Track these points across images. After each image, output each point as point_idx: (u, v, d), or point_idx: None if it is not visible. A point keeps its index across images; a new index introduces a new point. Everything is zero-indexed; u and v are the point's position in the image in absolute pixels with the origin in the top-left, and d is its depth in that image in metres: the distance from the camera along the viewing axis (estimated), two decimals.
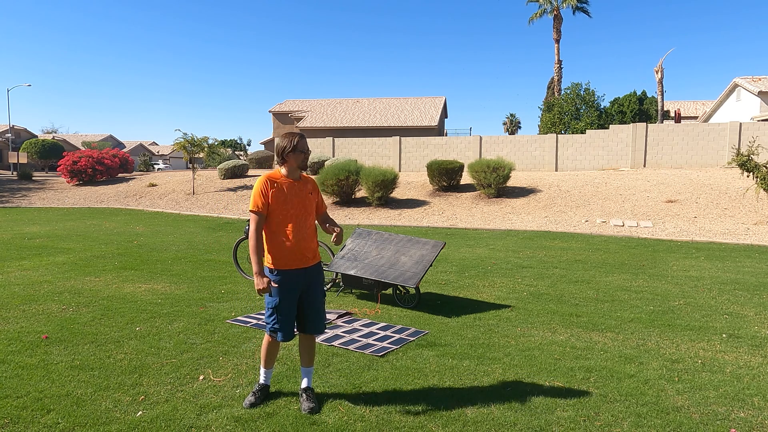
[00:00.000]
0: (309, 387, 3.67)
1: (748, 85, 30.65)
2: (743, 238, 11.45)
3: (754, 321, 5.57)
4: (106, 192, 24.27)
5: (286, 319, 3.54)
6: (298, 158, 3.51)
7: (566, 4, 35.45)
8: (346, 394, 3.76)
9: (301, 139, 3.52)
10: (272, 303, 3.53)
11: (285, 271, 3.50)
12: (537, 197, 17.35)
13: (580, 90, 31.27)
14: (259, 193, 3.45)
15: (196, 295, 6.58)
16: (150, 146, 74.13)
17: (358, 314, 5.86)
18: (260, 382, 3.72)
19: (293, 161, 3.52)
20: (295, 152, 3.50)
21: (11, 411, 3.47)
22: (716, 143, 20.77)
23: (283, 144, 3.53)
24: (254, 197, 3.46)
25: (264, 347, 3.69)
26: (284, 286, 3.50)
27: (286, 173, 3.55)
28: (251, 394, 3.64)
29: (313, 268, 3.64)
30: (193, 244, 11.00)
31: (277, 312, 3.53)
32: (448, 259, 9.18)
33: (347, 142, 25.71)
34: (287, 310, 3.54)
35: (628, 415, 3.45)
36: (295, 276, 3.53)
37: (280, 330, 3.55)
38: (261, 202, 3.44)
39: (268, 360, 3.70)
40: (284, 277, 3.50)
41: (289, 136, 3.53)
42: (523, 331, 5.20)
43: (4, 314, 5.67)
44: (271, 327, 3.57)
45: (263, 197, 3.45)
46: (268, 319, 3.58)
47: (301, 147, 3.51)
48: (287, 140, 3.52)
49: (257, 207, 3.44)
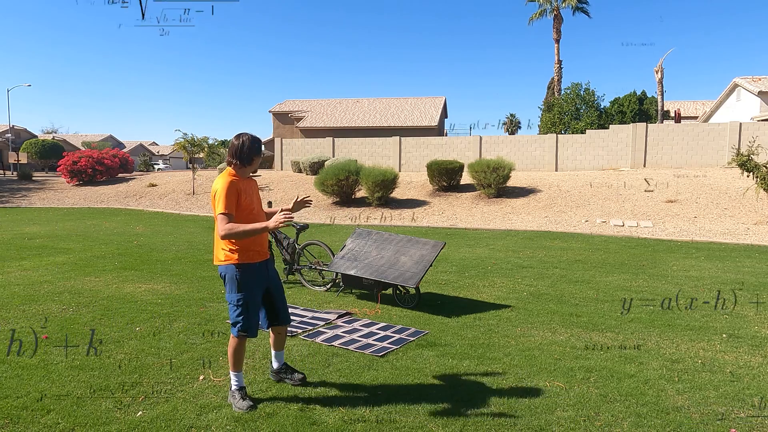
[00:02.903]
0: (284, 362, 3.97)
1: (748, 85, 30.65)
2: (743, 238, 11.45)
3: (754, 321, 5.57)
4: (106, 192, 24.27)
5: (254, 314, 3.64)
6: (257, 162, 3.65)
7: (566, 4, 35.43)
8: (346, 394, 3.76)
9: (260, 143, 3.68)
10: (240, 299, 3.56)
11: (249, 265, 3.58)
12: (537, 197, 17.35)
13: (580, 90, 31.27)
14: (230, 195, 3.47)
15: (196, 295, 6.58)
16: (150, 146, 74.13)
17: (358, 314, 5.86)
18: (240, 386, 3.62)
19: (256, 163, 3.65)
20: (259, 155, 3.65)
21: (11, 411, 3.47)
22: (716, 143, 20.76)
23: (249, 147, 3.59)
24: (225, 200, 3.44)
25: (232, 350, 3.63)
26: (252, 281, 3.59)
27: (243, 174, 3.62)
28: (244, 399, 3.55)
29: (270, 261, 3.82)
30: (193, 244, 11.00)
31: (246, 307, 3.56)
32: (448, 259, 9.18)
33: (347, 142, 25.71)
34: (255, 305, 3.63)
35: (628, 415, 3.45)
36: (259, 269, 3.64)
37: (250, 327, 3.61)
38: (232, 202, 3.47)
39: (239, 362, 3.65)
40: (250, 272, 3.57)
41: (249, 139, 3.59)
42: (523, 331, 5.20)
43: (4, 314, 5.67)
44: (242, 326, 3.57)
45: (234, 197, 3.48)
46: (238, 318, 3.59)
47: (260, 150, 3.69)
48: (253, 144, 3.60)
49: (228, 209, 3.45)
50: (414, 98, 38.41)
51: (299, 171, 24.59)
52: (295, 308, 6.04)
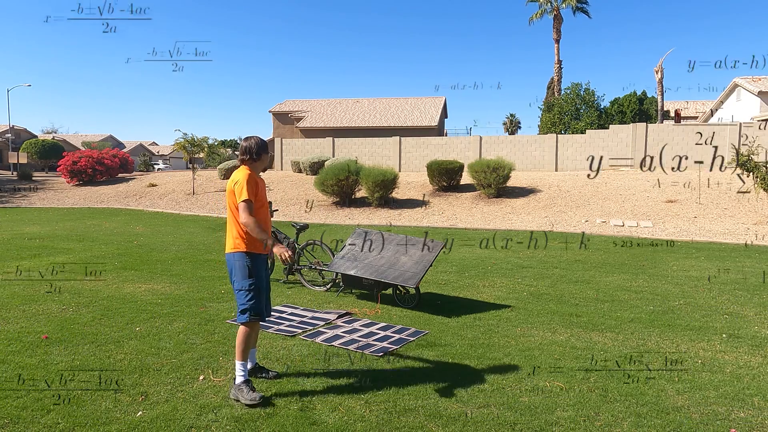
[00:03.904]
0: (257, 363, 4.09)
1: (748, 85, 30.66)
2: (743, 238, 11.45)
3: (754, 321, 5.57)
4: (106, 192, 24.27)
5: (264, 297, 3.84)
6: (266, 159, 3.96)
7: (566, 5, 35.43)
8: (346, 394, 3.76)
9: (266, 144, 3.99)
10: (252, 284, 3.75)
11: (257, 255, 3.84)
12: (537, 197, 17.35)
13: (580, 90, 31.28)
14: (250, 185, 3.78)
15: (196, 295, 6.58)
16: (150, 146, 74.11)
17: (358, 314, 5.86)
18: (245, 378, 3.66)
19: (265, 160, 3.97)
20: (267, 153, 3.97)
21: (11, 411, 3.47)
22: (716, 143, 20.76)
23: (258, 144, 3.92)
24: (247, 189, 3.73)
25: (243, 338, 3.73)
26: (259, 268, 3.83)
27: (255, 170, 3.93)
28: (252, 391, 3.59)
29: (269, 257, 4.09)
30: (193, 244, 11.00)
31: (258, 291, 3.76)
32: (448, 259, 9.18)
33: (347, 142, 25.71)
34: (264, 291, 3.85)
35: (628, 415, 3.45)
36: (264, 261, 3.92)
37: (261, 311, 3.79)
38: (252, 192, 3.76)
39: (247, 350, 3.76)
40: (258, 260, 3.83)
41: (258, 139, 3.93)
42: (523, 331, 5.20)
43: (4, 314, 5.67)
44: (255, 309, 3.74)
45: (253, 187, 3.78)
46: (249, 302, 3.72)
47: (267, 149, 4.00)
48: (261, 142, 3.94)
49: (251, 196, 3.74)
50: (414, 98, 38.40)
51: (299, 171, 24.59)
52: (295, 308, 6.04)
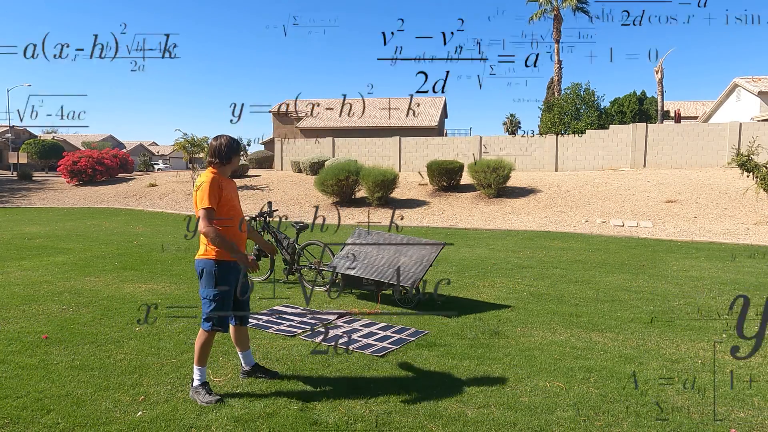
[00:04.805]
0: (256, 363, 4.03)
1: (748, 85, 30.65)
2: (743, 238, 11.45)
3: (753, 321, 5.56)
4: (106, 192, 24.26)
5: (227, 309, 3.71)
6: (236, 161, 3.79)
7: (566, 5, 35.42)
8: (346, 394, 3.76)
9: (237, 144, 3.81)
10: (215, 295, 3.63)
11: (227, 262, 3.66)
12: (537, 197, 17.35)
13: (580, 90, 31.23)
14: (213, 190, 3.60)
15: (196, 295, 6.58)
16: (150, 146, 74.09)
17: (358, 314, 5.86)
18: (202, 381, 3.66)
19: (236, 162, 3.80)
20: (237, 154, 3.78)
21: (11, 411, 3.47)
22: (716, 143, 20.76)
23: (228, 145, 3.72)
24: (209, 195, 3.56)
25: (201, 344, 3.68)
26: (228, 277, 3.67)
27: (224, 172, 3.75)
28: (209, 393, 3.59)
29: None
30: (194, 244, 11.00)
31: (222, 302, 3.64)
32: (448, 259, 9.18)
33: (347, 142, 25.71)
34: (229, 301, 3.72)
35: (628, 415, 3.45)
36: (235, 267, 3.70)
37: (223, 322, 3.69)
38: (215, 198, 3.59)
39: (205, 357, 3.71)
40: (227, 268, 3.66)
41: (228, 139, 3.73)
42: (523, 331, 5.20)
43: (4, 314, 5.67)
44: (218, 319, 3.66)
45: (216, 192, 3.60)
46: (211, 313, 3.64)
47: (238, 149, 3.82)
48: (232, 142, 3.74)
49: (211, 204, 3.58)
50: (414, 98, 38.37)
51: (299, 171, 24.59)
52: (295, 308, 6.04)
